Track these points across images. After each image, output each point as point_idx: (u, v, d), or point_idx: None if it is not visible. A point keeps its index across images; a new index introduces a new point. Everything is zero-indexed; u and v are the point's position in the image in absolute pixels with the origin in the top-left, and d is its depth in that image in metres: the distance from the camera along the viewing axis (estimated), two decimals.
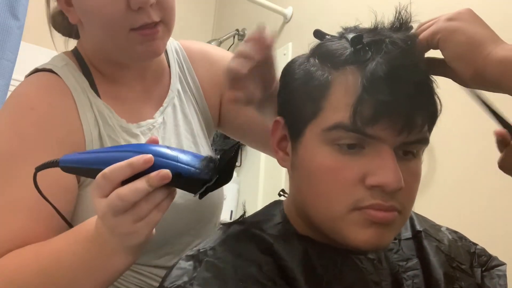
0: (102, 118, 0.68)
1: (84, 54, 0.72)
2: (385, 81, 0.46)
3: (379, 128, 0.47)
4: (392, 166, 0.47)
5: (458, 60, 0.49)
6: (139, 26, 0.64)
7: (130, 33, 0.64)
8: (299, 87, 0.54)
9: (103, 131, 0.68)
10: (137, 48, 0.66)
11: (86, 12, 0.65)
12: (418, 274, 0.56)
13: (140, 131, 0.72)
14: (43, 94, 0.65)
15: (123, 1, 0.61)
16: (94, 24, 0.66)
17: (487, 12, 0.63)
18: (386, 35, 0.50)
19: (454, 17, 0.50)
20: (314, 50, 0.56)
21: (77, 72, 0.69)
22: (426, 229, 0.62)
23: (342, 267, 0.52)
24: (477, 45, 0.47)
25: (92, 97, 0.68)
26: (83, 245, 0.53)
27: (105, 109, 0.69)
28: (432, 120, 0.51)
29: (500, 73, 0.46)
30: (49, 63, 0.70)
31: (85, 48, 0.73)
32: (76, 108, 0.66)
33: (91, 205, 0.52)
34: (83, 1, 0.64)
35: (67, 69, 0.69)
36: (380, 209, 0.48)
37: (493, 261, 0.61)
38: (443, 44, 0.49)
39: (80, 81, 0.68)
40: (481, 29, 0.49)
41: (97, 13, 0.63)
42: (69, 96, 0.66)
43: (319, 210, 0.51)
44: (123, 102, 0.73)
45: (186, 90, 0.81)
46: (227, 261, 0.48)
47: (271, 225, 0.55)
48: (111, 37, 0.65)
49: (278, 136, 0.57)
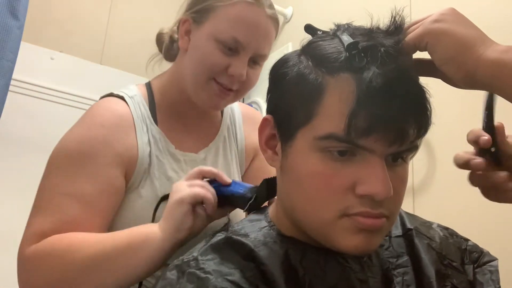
0: (154, 141, 0.81)
1: (156, 88, 0.87)
2: (380, 94, 0.46)
3: (371, 140, 0.47)
4: (382, 176, 0.47)
5: (448, 64, 0.48)
6: (219, 81, 0.79)
7: (211, 81, 0.79)
8: (291, 89, 0.53)
9: (153, 151, 0.81)
10: (206, 95, 0.81)
11: (196, 48, 0.81)
12: (409, 272, 0.56)
13: (184, 159, 0.84)
14: (112, 117, 0.79)
15: (225, 63, 0.78)
16: (195, 59, 0.81)
17: (487, 12, 0.63)
18: (381, 42, 0.49)
19: (439, 18, 0.49)
20: (306, 49, 0.55)
21: (142, 103, 0.84)
22: (416, 227, 0.62)
23: (326, 267, 0.52)
24: (466, 48, 0.47)
25: (150, 123, 0.82)
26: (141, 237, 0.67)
27: (158, 134, 0.82)
28: (425, 132, 0.50)
29: (492, 75, 0.45)
30: (122, 91, 0.84)
31: (166, 79, 0.88)
32: (135, 131, 0.80)
33: (131, 209, 0.76)
34: (199, 42, 0.80)
35: (135, 99, 0.83)
36: (369, 216, 0.48)
37: (484, 257, 0.61)
38: (432, 48, 0.49)
39: (142, 110, 0.83)
40: (468, 30, 0.48)
41: (202, 54, 0.79)
42: (131, 121, 0.80)
43: (308, 215, 0.51)
44: (176, 132, 0.86)
45: (231, 139, 0.95)
46: (209, 270, 0.48)
47: (255, 229, 0.55)
48: (198, 74, 0.80)
49: (266, 135, 0.57)
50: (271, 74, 0.58)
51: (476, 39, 0.47)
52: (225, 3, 0.78)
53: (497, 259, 0.61)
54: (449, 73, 0.49)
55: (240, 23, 0.77)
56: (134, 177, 0.77)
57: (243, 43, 0.77)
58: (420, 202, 1.24)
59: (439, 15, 0.50)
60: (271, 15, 0.81)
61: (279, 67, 0.56)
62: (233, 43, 0.77)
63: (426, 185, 1.24)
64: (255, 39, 0.79)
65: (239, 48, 0.78)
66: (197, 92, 0.81)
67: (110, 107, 0.81)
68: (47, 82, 1.76)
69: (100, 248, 0.66)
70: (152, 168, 0.79)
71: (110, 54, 1.98)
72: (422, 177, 1.25)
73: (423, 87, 0.51)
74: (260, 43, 0.80)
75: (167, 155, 0.83)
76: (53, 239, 0.68)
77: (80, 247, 0.67)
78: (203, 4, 0.81)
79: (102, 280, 0.66)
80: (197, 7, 0.82)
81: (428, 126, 0.51)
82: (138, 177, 0.78)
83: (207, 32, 0.79)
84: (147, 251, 0.65)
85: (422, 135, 0.50)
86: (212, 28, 0.79)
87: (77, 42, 1.90)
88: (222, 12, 0.78)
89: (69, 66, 1.84)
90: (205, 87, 0.80)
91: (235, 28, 0.77)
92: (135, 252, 0.65)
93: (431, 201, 1.22)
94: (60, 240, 0.68)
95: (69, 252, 0.67)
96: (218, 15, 0.79)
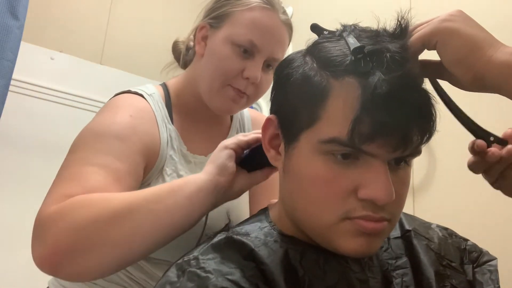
0: (170, 140, 0.82)
1: (172, 89, 0.89)
2: (386, 101, 0.46)
3: (375, 146, 0.47)
4: (384, 180, 0.47)
5: (457, 65, 0.48)
6: (234, 86, 0.81)
7: (226, 86, 0.81)
8: (295, 91, 0.53)
9: (169, 149, 0.82)
10: (220, 100, 0.83)
11: (212, 51, 0.82)
12: (408, 273, 0.56)
13: (194, 161, 0.85)
14: (136, 109, 0.79)
15: (240, 67, 0.80)
16: (211, 63, 0.82)
17: (487, 12, 0.63)
18: (387, 47, 0.49)
19: (448, 18, 0.49)
20: (312, 49, 0.54)
21: (161, 101, 0.85)
22: (415, 228, 0.62)
23: (325, 267, 0.52)
24: (476, 49, 0.47)
25: (167, 122, 0.83)
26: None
27: (174, 133, 0.83)
28: (429, 138, 0.50)
29: (501, 78, 0.45)
30: (140, 89, 0.84)
31: (181, 82, 0.90)
32: (157, 127, 0.80)
33: None
34: (215, 45, 0.82)
35: (154, 97, 0.84)
36: (370, 220, 0.48)
37: (484, 256, 0.61)
38: (442, 48, 0.49)
39: (161, 108, 0.84)
40: (477, 32, 0.48)
41: (218, 59, 0.81)
42: (153, 117, 0.81)
43: (310, 217, 0.52)
44: (188, 134, 0.87)
45: None
46: (210, 269, 0.48)
47: (256, 229, 0.55)
48: (214, 79, 0.81)
49: (269, 134, 0.57)
50: (276, 74, 0.58)
51: (485, 41, 0.47)
52: (242, 8, 0.81)
53: (496, 258, 0.61)
54: (458, 75, 0.49)
55: (256, 27, 0.80)
56: (151, 173, 0.77)
57: (258, 46, 0.80)
58: (420, 202, 1.24)
59: (447, 15, 0.50)
60: (285, 21, 0.84)
61: (284, 67, 0.56)
62: (249, 45, 0.79)
63: (426, 185, 1.24)
64: (270, 42, 0.81)
65: (255, 51, 0.80)
66: (212, 96, 0.83)
67: (132, 101, 0.81)
68: (47, 82, 1.76)
69: (138, 193, 0.62)
70: (166, 166, 0.79)
71: (110, 54, 1.98)
72: (422, 177, 1.25)
73: (428, 93, 0.50)
74: (275, 46, 0.82)
75: (179, 155, 0.83)
76: (81, 196, 0.61)
77: (116, 196, 0.62)
78: (220, 10, 0.84)
79: (138, 223, 0.59)
80: (214, 13, 0.84)
81: (433, 133, 0.50)
82: (155, 173, 0.78)
83: (223, 36, 0.81)
84: (187, 190, 0.62)
85: (426, 142, 0.50)
86: (228, 32, 0.81)
87: (77, 42, 1.89)
88: (238, 16, 0.81)
89: (69, 66, 1.84)
90: (220, 92, 0.82)
91: (251, 31, 0.80)
92: (175, 193, 0.62)
93: (431, 201, 1.22)
94: (90, 195, 0.62)
95: (103, 199, 0.61)
96: (234, 19, 0.81)
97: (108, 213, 0.59)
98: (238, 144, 0.67)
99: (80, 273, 0.59)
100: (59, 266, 0.58)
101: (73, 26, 1.91)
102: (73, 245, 0.57)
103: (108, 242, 0.58)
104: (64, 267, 0.58)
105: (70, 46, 1.87)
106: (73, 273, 0.59)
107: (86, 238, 0.57)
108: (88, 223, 0.58)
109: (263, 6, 0.81)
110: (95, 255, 0.58)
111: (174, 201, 0.61)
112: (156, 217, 0.60)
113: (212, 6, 0.86)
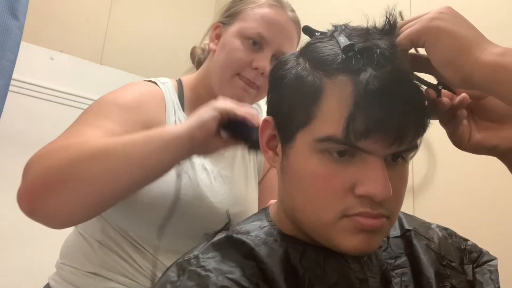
0: (178, 124, 0.84)
1: (185, 84, 0.93)
2: (378, 97, 0.46)
3: (370, 142, 0.47)
4: (381, 177, 0.47)
5: (445, 66, 0.48)
6: (243, 76, 0.85)
7: (236, 76, 0.86)
8: (289, 92, 0.53)
9: None
10: (230, 89, 0.86)
11: (223, 45, 0.88)
12: (407, 272, 0.56)
13: None
14: (147, 90, 0.85)
15: (250, 58, 0.85)
16: (222, 55, 0.87)
17: (487, 12, 0.63)
18: (376, 43, 0.50)
19: (437, 16, 0.49)
20: (304, 50, 0.55)
21: (173, 91, 0.90)
22: (415, 227, 0.62)
23: (325, 266, 0.52)
24: (463, 50, 0.47)
25: (178, 109, 0.88)
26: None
27: (183, 118, 0.87)
28: (423, 131, 0.51)
29: (488, 79, 0.45)
30: (155, 79, 0.90)
31: (194, 77, 0.95)
32: (165, 110, 0.85)
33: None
34: (227, 40, 0.88)
35: (167, 86, 0.89)
36: (368, 217, 0.48)
37: (484, 256, 0.61)
38: (430, 48, 0.49)
39: (173, 97, 0.89)
40: (465, 31, 0.48)
41: (229, 50, 0.86)
42: (163, 101, 0.86)
43: (308, 216, 0.52)
44: None
45: None
46: (210, 268, 0.49)
47: (256, 228, 0.56)
48: (224, 69, 0.86)
49: (267, 135, 0.57)
50: (271, 76, 0.59)
51: (472, 40, 0.47)
52: (252, 6, 0.89)
53: (497, 258, 0.61)
54: (446, 76, 0.49)
55: (265, 21, 0.86)
56: None
57: (266, 38, 0.85)
58: (420, 202, 1.24)
59: (436, 13, 0.49)
60: (293, 18, 0.90)
61: (278, 69, 0.56)
62: (258, 37, 0.85)
63: (426, 185, 1.24)
64: (278, 35, 0.87)
65: (263, 43, 0.85)
66: (222, 86, 0.87)
67: (145, 84, 0.87)
68: (47, 82, 1.76)
69: (116, 138, 0.67)
70: None
71: (110, 54, 1.98)
72: (422, 177, 1.25)
73: (419, 87, 0.51)
74: (282, 40, 0.87)
75: None
76: (65, 141, 0.68)
77: (95, 140, 0.66)
78: (233, 9, 0.91)
79: (112, 162, 0.63)
80: (227, 12, 0.92)
81: (427, 126, 0.51)
82: None
83: (234, 31, 0.87)
84: (164, 137, 0.66)
85: (420, 135, 0.51)
86: (239, 27, 0.87)
87: (77, 42, 1.90)
88: (248, 13, 0.88)
89: (69, 66, 1.84)
90: (231, 82, 0.86)
91: (259, 25, 0.86)
92: (151, 138, 0.66)
93: (431, 201, 1.22)
94: (73, 141, 0.67)
95: (82, 143, 0.65)
96: (245, 16, 0.88)
97: (84, 154, 0.63)
98: (227, 112, 0.69)
99: (55, 211, 0.63)
100: (35, 202, 0.62)
101: (73, 26, 1.91)
102: (49, 182, 0.62)
103: (81, 178, 0.62)
104: (40, 203, 0.62)
105: (70, 46, 1.87)
106: (48, 210, 0.63)
107: (60, 174, 0.62)
108: (66, 161, 0.63)
109: (272, 3, 0.88)
110: (68, 190, 0.62)
111: (149, 146, 0.65)
112: (130, 158, 0.64)
113: (225, 8, 0.94)
